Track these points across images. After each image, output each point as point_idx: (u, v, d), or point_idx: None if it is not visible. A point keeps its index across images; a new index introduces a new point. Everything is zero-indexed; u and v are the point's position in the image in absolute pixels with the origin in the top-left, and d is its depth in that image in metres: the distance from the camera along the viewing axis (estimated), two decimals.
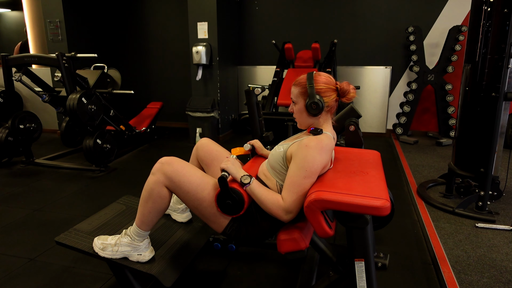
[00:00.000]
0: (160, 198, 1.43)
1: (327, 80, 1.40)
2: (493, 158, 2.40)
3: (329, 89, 1.39)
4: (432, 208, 2.61)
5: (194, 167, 1.46)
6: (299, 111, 1.44)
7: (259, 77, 5.42)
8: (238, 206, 1.36)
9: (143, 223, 1.46)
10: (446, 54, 4.38)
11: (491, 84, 2.35)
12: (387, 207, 1.15)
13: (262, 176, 1.48)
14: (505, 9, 2.23)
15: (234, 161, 1.44)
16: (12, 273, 1.91)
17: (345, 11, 4.93)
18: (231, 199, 1.35)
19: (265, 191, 1.37)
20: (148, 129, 4.69)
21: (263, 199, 1.35)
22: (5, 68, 3.53)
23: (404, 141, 4.61)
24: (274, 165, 1.44)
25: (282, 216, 1.34)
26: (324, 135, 1.38)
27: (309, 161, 1.31)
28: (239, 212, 1.37)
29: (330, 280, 1.56)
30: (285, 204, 1.32)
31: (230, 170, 1.39)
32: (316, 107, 1.37)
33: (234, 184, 1.37)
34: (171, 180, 1.40)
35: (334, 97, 1.41)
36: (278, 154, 1.43)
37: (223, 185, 1.34)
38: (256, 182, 1.38)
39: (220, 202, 1.37)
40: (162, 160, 1.43)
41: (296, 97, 1.43)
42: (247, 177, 1.37)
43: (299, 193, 1.31)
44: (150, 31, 5.62)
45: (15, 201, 2.88)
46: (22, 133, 3.63)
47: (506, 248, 2.08)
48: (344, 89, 1.40)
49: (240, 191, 1.35)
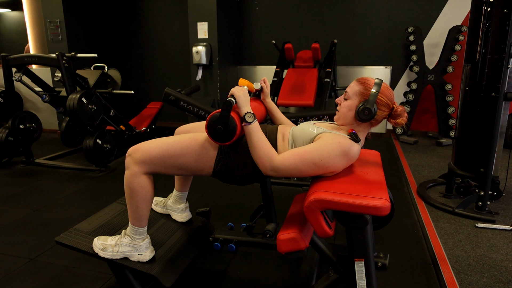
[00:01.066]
0: (141, 187, 1.41)
1: (390, 95, 1.38)
2: (493, 158, 2.40)
3: (387, 104, 1.37)
4: (432, 208, 2.61)
5: (158, 139, 1.44)
6: (348, 108, 1.40)
7: (259, 77, 5.42)
8: (228, 135, 1.32)
9: (136, 219, 1.46)
10: (446, 54, 4.38)
11: (491, 84, 2.35)
12: (387, 207, 1.15)
13: (279, 137, 1.45)
14: (505, 9, 2.23)
15: (246, 93, 1.39)
16: (12, 273, 1.91)
17: (345, 11, 4.93)
18: (224, 125, 1.31)
19: (262, 138, 1.34)
20: (148, 129, 4.69)
21: (257, 144, 1.32)
22: (5, 68, 3.53)
23: (404, 141, 4.61)
24: (297, 139, 1.40)
25: (266, 169, 1.32)
26: (357, 146, 1.36)
27: (330, 154, 1.28)
28: (226, 141, 1.34)
29: (330, 280, 1.56)
30: (279, 162, 1.30)
31: (239, 99, 1.35)
32: (368, 114, 1.34)
33: (234, 114, 1.34)
34: (144, 162, 1.39)
35: (386, 114, 1.38)
36: (309, 134, 1.38)
37: (226, 109, 1.30)
38: (257, 125, 1.35)
39: (211, 124, 1.33)
40: (129, 152, 1.43)
41: (354, 94, 1.39)
42: (252, 116, 1.33)
43: (297, 167, 1.29)
44: (150, 31, 5.62)
45: (15, 201, 2.88)
46: (22, 133, 3.63)
47: (506, 248, 2.08)
48: (398, 112, 1.37)
49: (236, 122, 1.32)
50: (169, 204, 1.85)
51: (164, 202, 1.88)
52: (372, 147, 4.06)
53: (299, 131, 1.42)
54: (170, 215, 1.87)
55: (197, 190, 3.03)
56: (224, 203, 2.80)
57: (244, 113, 1.34)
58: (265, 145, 1.33)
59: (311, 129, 1.40)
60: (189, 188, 1.83)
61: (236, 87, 1.41)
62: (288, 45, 4.45)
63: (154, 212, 1.88)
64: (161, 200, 1.90)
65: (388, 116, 1.40)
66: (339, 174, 1.39)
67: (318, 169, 1.31)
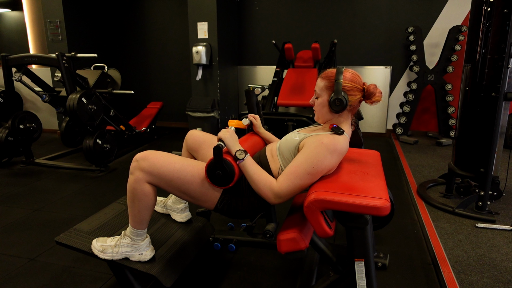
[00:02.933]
0: (144, 195, 1.41)
1: (356, 79, 1.38)
2: (493, 158, 2.40)
3: (355, 88, 1.37)
4: (432, 208, 2.61)
5: (169, 154, 1.44)
6: (321, 105, 1.41)
7: (259, 77, 5.42)
8: (228, 178, 1.34)
9: (136, 223, 1.46)
10: (446, 54, 4.38)
11: (491, 84, 2.35)
12: (387, 207, 1.15)
13: (268, 155, 1.46)
14: (505, 9, 2.23)
15: (232, 133, 1.41)
16: (12, 273, 1.91)
17: (345, 11, 4.93)
18: (222, 170, 1.33)
19: (258, 170, 1.35)
20: (148, 129, 4.69)
21: (254, 178, 1.34)
22: (5, 68, 3.53)
23: (404, 141, 4.61)
24: (284, 151, 1.42)
25: (270, 198, 1.33)
26: (343, 137, 1.36)
27: (319, 158, 1.29)
28: (228, 184, 1.35)
29: (330, 280, 1.56)
30: (278, 188, 1.31)
31: (227, 141, 1.37)
32: (340, 104, 1.34)
33: (228, 156, 1.36)
34: (151, 174, 1.38)
35: (359, 97, 1.39)
36: (292, 142, 1.40)
37: (217, 154, 1.32)
38: (250, 159, 1.37)
39: (210, 171, 1.35)
40: (137, 157, 1.41)
41: (321, 90, 1.41)
42: (242, 153, 1.35)
43: (296, 184, 1.30)
44: (150, 31, 5.62)
45: (15, 201, 2.88)
46: (22, 133, 3.63)
47: (506, 248, 2.08)
48: (371, 91, 1.38)
49: (232, 164, 1.34)
50: (169, 204, 1.85)
51: (164, 202, 1.88)
52: (372, 147, 4.06)
53: (283, 143, 1.44)
54: (170, 215, 1.88)
55: None
56: None
57: (234, 151, 1.36)
58: (262, 176, 1.34)
59: (294, 137, 1.42)
60: None
61: (222, 130, 1.43)
62: (288, 45, 4.45)
63: (154, 212, 1.88)
64: (161, 200, 1.90)
65: (363, 98, 1.40)
66: (339, 174, 1.39)
67: (315, 176, 1.32)
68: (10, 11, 5.89)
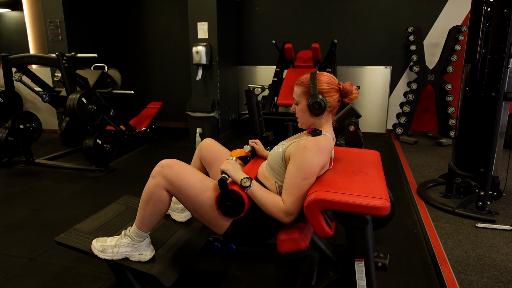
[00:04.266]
0: (160, 201, 1.42)
1: (330, 80, 1.40)
2: (493, 158, 2.40)
3: (331, 89, 1.38)
4: (432, 208, 2.61)
5: (194, 170, 1.46)
6: (301, 111, 1.43)
7: (259, 77, 5.42)
8: (239, 208, 1.35)
9: (143, 225, 1.47)
10: (446, 54, 4.38)
11: (491, 84, 2.35)
12: (387, 207, 1.15)
13: (261, 177, 1.48)
14: (505, 9, 2.23)
15: (234, 163, 1.43)
16: (12, 273, 1.91)
17: (345, 11, 4.93)
18: (232, 201, 1.34)
19: (265, 193, 1.37)
20: (148, 129, 4.69)
21: (263, 202, 1.35)
22: (5, 68, 3.53)
23: (404, 141, 4.61)
24: (273, 166, 1.43)
25: (283, 218, 1.34)
26: (323, 136, 1.38)
27: (307, 162, 1.30)
28: (239, 214, 1.36)
29: (330, 280, 1.56)
30: (286, 206, 1.32)
31: (230, 172, 1.38)
32: (319, 107, 1.36)
33: (235, 186, 1.37)
34: (172, 183, 1.39)
35: (337, 98, 1.40)
36: (277, 154, 1.43)
37: (223, 187, 1.33)
38: (257, 185, 1.38)
39: (220, 204, 1.36)
40: (162, 163, 1.42)
41: (299, 96, 1.42)
42: (247, 180, 1.36)
43: (297, 194, 1.31)
44: (150, 31, 5.62)
45: (15, 201, 2.88)
46: (22, 133, 3.63)
47: (506, 248, 2.08)
48: (347, 90, 1.40)
49: (241, 193, 1.35)
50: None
51: None
52: (372, 147, 4.06)
53: (270, 159, 1.46)
54: (170, 215, 1.88)
55: None
56: None
57: (239, 180, 1.37)
58: (269, 198, 1.35)
59: (277, 149, 1.45)
60: None
61: (224, 162, 1.43)
62: (288, 45, 4.45)
63: None
64: None
65: (340, 97, 1.42)
66: (338, 174, 1.39)
67: (311, 179, 1.33)
68: (10, 11, 5.89)
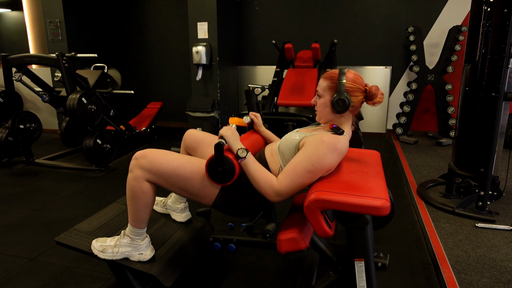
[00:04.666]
0: (143, 193, 1.41)
1: (358, 80, 1.39)
2: (493, 158, 2.40)
3: (358, 89, 1.37)
4: (432, 208, 2.61)
5: (169, 152, 1.44)
6: (323, 105, 1.42)
7: (259, 77, 5.42)
8: (228, 175, 1.35)
9: (136, 221, 1.46)
10: (446, 54, 4.38)
11: (491, 84, 2.35)
12: (387, 207, 1.15)
13: (268, 155, 1.47)
14: (505, 9, 2.23)
15: (234, 131, 1.41)
16: (12, 273, 1.91)
17: (345, 11, 4.93)
18: (222, 167, 1.34)
19: (259, 168, 1.36)
20: (148, 129, 4.69)
21: (255, 176, 1.34)
22: (5, 68, 3.53)
23: (404, 141, 4.61)
24: (284, 151, 1.42)
25: (271, 197, 1.33)
26: (343, 137, 1.36)
27: (319, 156, 1.29)
28: (227, 181, 1.36)
29: (330, 280, 1.56)
30: (279, 187, 1.31)
31: (228, 139, 1.37)
32: (343, 104, 1.35)
33: (229, 154, 1.36)
34: (150, 171, 1.39)
35: (361, 99, 1.39)
36: (292, 141, 1.40)
37: (218, 152, 1.32)
38: (252, 158, 1.37)
39: (210, 168, 1.35)
40: (136, 155, 1.42)
41: (324, 90, 1.41)
42: (244, 151, 1.35)
43: (296, 182, 1.30)
44: (150, 31, 5.62)
45: (15, 201, 2.88)
46: (22, 133, 3.63)
47: (506, 248, 2.08)
48: (373, 92, 1.38)
49: (233, 162, 1.34)
50: (169, 204, 1.85)
51: (164, 202, 1.88)
52: (372, 147, 4.06)
53: (283, 143, 1.45)
54: (169, 215, 1.88)
55: None
56: None
57: (236, 150, 1.36)
58: (262, 174, 1.35)
59: (294, 136, 1.43)
60: None
61: (224, 127, 1.43)
62: (288, 45, 4.45)
63: (154, 212, 1.88)
64: (161, 200, 1.90)
65: (364, 99, 1.41)
66: (339, 174, 1.39)
67: (315, 174, 1.32)
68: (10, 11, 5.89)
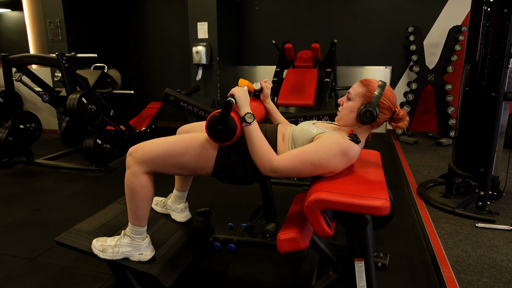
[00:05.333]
0: (142, 187, 1.41)
1: (392, 99, 1.37)
2: (493, 158, 2.40)
3: (389, 107, 1.36)
4: (432, 208, 2.61)
5: (158, 138, 1.45)
6: (349, 109, 1.39)
7: (259, 77, 5.42)
8: (228, 135, 1.32)
9: (136, 219, 1.46)
10: (446, 54, 4.38)
11: (491, 84, 2.35)
12: (387, 207, 1.15)
13: (279, 137, 1.45)
14: (505, 9, 2.23)
15: (246, 93, 1.39)
16: (12, 273, 1.91)
17: (345, 11, 4.93)
18: (224, 125, 1.31)
19: (261, 139, 1.34)
20: (148, 129, 4.69)
21: (256, 145, 1.32)
22: (5, 68, 3.53)
23: (404, 141, 4.61)
24: (297, 139, 1.40)
25: (265, 169, 1.32)
26: (357, 147, 1.35)
27: (329, 154, 1.28)
28: (226, 141, 1.34)
29: (330, 280, 1.56)
30: (278, 163, 1.30)
31: (239, 100, 1.35)
32: (370, 116, 1.33)
33: (234, 115, 1.34)
34: (146, 162, 1.39)
35: (387, 117, 1.38)
36: (308, 134, 1.38)
37: (226, 110, 1.30)
38: (257, 126, 1.35)
39: (211, 124, 1.33)
40: (129, 152, 1.43)
41: (356, 95, 1.38)
42: (252, 116, 1.33)
43: (296, 168, 1.29)
44: (150, 31, 5.62)
45: (15, 201, 2.88)
46: (22, 133, 3.63)
47: (506, 248, 2.08)
48: (400, 116, 1.37)
49: (236, 122, 1.32)
50: (169, 204, 1.86)
51: (164, 202, 1.88)
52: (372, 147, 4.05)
53: (299, 131, 1.42)
54: (170, 215, 1.88)
55: (197, 190, 3.03)
56: (224, 203, 2.80)
57: (244, 113, 1.34)
58: (264, 146, 1.33)
59: (311, 129, 1.40)
60: (189, 188, 1.83)
61: (236, 87, 1.40)
62: (288, 45, 4.45)
63: (154, 212, 1.88)
64: (161, 200, 1.90)
65: (389, 119, 1.39)
66: (339, 174, 1.39)
67: (317, 169, 1.31)
68: (10, 11, 5.89)
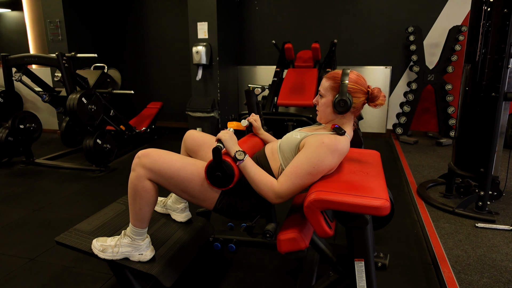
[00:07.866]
0: (145, 191, 1.41)
1: (361, 81, 1.39)
2: (493, 158, 2.40)
3: (360, 90, 1.37)
4: (432, 208, 2.61)
5: (171, 153, 1.45)
6: (325, 105, 1.41)
7: (259, 77, 5.42)
8: (228, 179, 1.35)
9: (137, 221, 1.46)
10: (446, 54, 4.38)
11: (491, 84, 2.35)
12: (387, 207, 1.15)
13: (269, 153, 1.47)
14: (505, 9, 2.23)
15: (231, 134, 1.42)
16: (12, 273, 1.91)
17: (345, 11, 4.93)
18: (222, 171, 1.34)
19: (258, 171, 1.36)
20: (148, 129, 4.69)
21: (255, 179, 1.34)
22: (5, 68, 3.53)
23: (404, 141, 4.61)
24: (284, 150, 1.42)
25: (272, 199, 1.34)
26: (344, 138, 1.36)
27: (320, 158, 1.29)
28: (227, 185, 1.36)
29: (330, 280, 1.56)
30: (279, 189, 1.31)
31: (226, 142, 1.37)
32: (344, 105, 1.34)
33: (227, 157, 1.36)
34: (152, 170, 1.39)
35: (363, 100, 1.39)
36: (293, 141, 1.40)
37: (216, 156, 1.32)
38: (250, 160, 1.37)
39: (210, 173, 1.36)
40: (139, 154, 1.42)
41: (326, 90, 1.41)
42: (242, 153, 1.35)
43: (296, 184, 1.30)
44: (150, 31, 5.62)
45: (15, 201, 2.88)
46: (22, 133, 3.63)
47: (506, 248, 2.08)
48: (375, 94, 1.38)
49: (232, 165, 1.35)
50: (169, 204, 1.86)
51: (164, 202, 1.88)
52: (372, 147, 4.06)
53: (284, 142, 1.45)
54: (170, 215, 1.88)
55: None
56: None
57: (234, 153, 1.36)
58: (262, 176, 1.35)
59: (295, 135, 1.43)
60: None
61: (222, 131, 1.42)
62: (288, 45, 4.45)
63: (154, 212, 1.88)
64: (161, 200, 1.90)
65: (366, 101, 1.41)
66: (339, 174, 1.39)
67: (316, 176, 1.32)
68: (10, 11, 5.89)
